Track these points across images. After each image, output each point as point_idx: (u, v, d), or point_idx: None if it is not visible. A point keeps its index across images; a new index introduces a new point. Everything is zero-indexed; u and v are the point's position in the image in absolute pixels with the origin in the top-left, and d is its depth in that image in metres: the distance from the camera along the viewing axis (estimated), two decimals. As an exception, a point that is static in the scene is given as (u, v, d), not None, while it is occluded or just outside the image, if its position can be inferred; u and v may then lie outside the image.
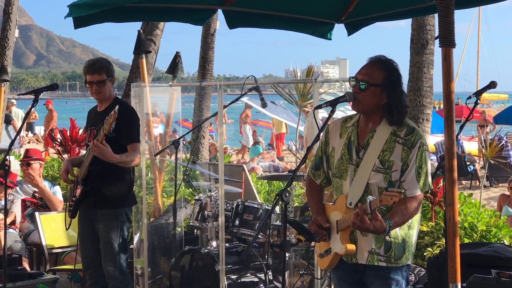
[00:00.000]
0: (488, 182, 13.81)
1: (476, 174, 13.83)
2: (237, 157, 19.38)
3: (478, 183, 13.59)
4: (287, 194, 2.78)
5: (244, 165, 6.00)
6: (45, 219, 5.64)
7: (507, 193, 8.32)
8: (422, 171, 3.08)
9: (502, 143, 11.67)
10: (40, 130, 28.59)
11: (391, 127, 3.11)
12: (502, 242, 5.31)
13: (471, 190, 13.29)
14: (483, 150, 8.88)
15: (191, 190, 6.40)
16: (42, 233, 5.50)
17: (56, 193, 6.52)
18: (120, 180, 4.37)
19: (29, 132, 26.30)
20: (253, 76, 4.55)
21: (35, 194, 6.38)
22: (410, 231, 3.18)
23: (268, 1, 4.60)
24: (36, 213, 5.72)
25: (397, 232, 3.11)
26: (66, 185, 7.88)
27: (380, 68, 3.11)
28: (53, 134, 11.32)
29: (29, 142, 25.79)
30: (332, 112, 2.98)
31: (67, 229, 4.61)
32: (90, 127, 4.58)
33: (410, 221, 3.15)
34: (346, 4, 4.84)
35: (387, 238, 3.08)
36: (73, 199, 4.45)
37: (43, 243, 5.46)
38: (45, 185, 6.47)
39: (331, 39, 5.11)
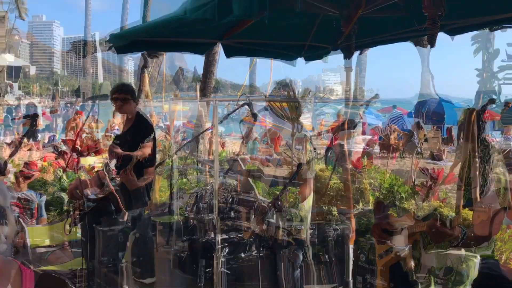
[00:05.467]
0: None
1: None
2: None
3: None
4: (279, 202, 3.08)
5: (239, 158, 6.20)
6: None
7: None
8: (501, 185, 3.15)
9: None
10: (44, 137, 28.70)
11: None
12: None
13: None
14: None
15: (186, 180, 6.59)
16: (26, 234, 5.63)
17: (42, 205, 6.64)
18: (135, 199, 4.56)
19: (31, 138, 26.32)
20: (245, 94, 4.91)
21: (20, 199, 6.56)
22: (474, 260, 3.21)
23: (263, 32, 4.84)
24: (20, 219, 5.89)
25: (461, 260, 3.18)
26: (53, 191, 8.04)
27: None
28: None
29: (30, 149, 25.83)
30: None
31: (67, 235, 4.78)
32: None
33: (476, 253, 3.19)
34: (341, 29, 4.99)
35: (449, 263, 3.17)
36: (79, 212, 4.57)
37: (28, 244, 5.60)
38: (31, 194, 6.60)
39: (327, 62, 5.29)
